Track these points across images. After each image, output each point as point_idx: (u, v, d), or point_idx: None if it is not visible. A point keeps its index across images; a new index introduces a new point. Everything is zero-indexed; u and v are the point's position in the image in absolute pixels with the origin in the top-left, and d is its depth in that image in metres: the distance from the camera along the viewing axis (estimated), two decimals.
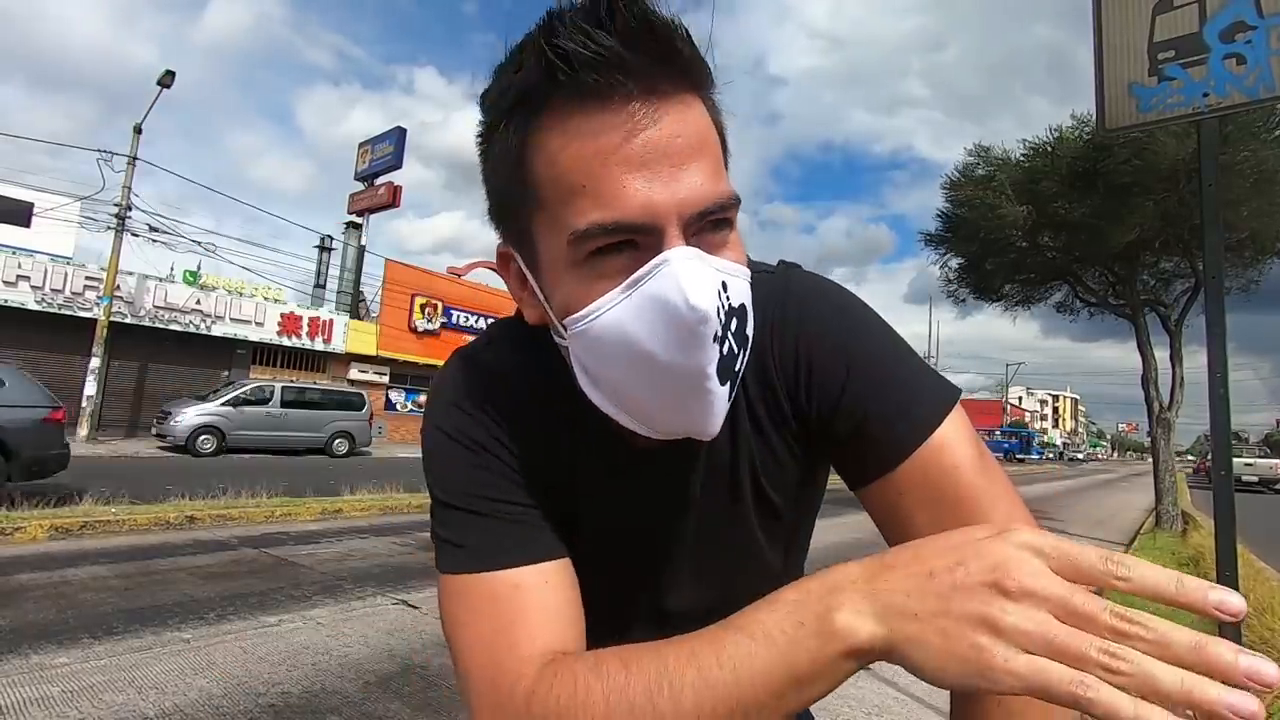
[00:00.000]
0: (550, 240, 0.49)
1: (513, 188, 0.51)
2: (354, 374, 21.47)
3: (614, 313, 0.47)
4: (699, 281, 0.45)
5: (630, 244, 0.47)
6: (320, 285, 24.29)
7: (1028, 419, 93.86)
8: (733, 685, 0.41)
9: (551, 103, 0.46)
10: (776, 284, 0.62)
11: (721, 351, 0.48)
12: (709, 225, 0.49)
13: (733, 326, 0.49)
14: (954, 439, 0.55)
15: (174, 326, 17.68)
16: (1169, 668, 0.30)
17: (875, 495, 0.57)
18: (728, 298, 0.48)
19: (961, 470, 0.54)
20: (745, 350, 0.53)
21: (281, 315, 19.79)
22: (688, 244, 0.47)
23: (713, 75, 0.51)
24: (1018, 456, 49.89)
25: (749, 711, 0.41)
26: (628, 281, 0.47)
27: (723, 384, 0.50)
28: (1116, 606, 0.32)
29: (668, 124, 0.46)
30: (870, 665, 0.41)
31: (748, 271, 0.53)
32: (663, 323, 0.46)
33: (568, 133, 0.46)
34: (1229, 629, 2.58)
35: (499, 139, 0.50)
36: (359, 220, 24.28)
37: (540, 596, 0.54)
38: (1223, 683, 0.30)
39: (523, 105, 0.48)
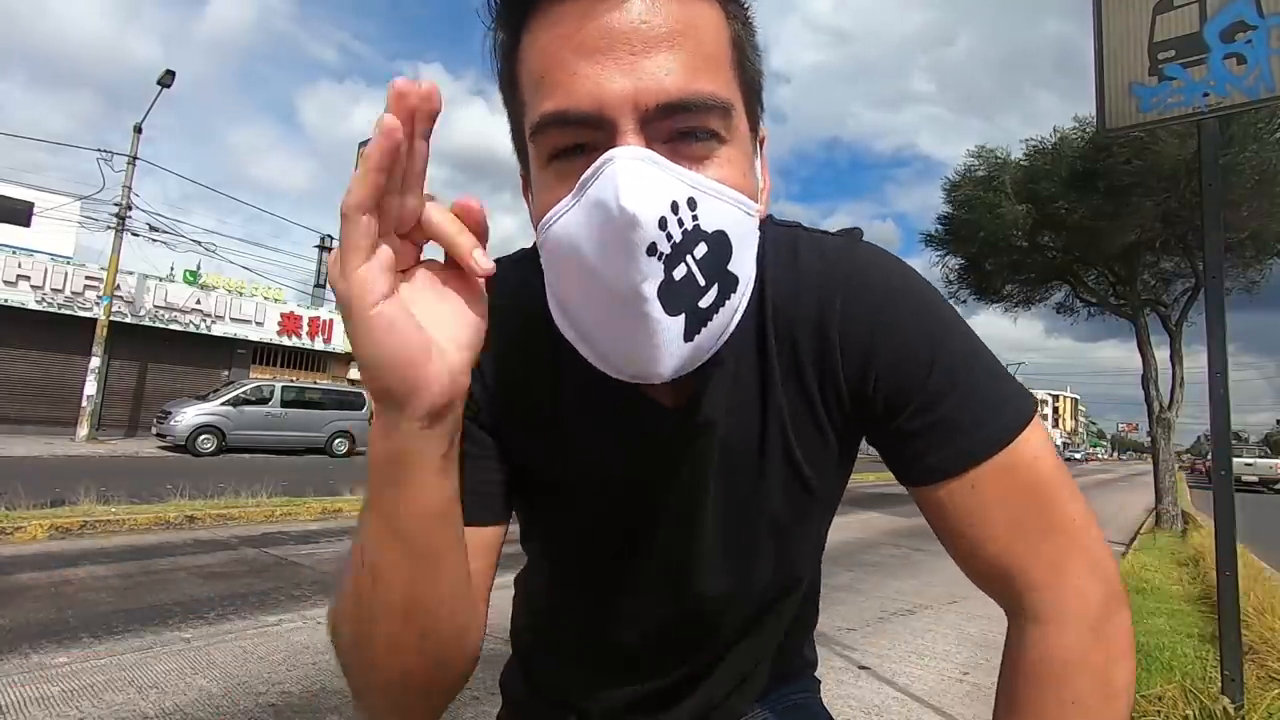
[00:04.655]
0: (529, 144, 0.47)
1: (508, 93, 0.49)
2: (354, 374, 21.44)
3: (565, 219, 0.43)
4: (637, 182, 0.40)
5: (588, 147, 0.43)
6: (320, 285, 24.28)
7: None
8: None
9: (534, 3, 0.44)
10: (845, 259, 0.56)
11: (669, 274, 0.42)
12: (683, 134, 0.44)
13: (698, 252, 0.43)
14: (1036, 441, 0.53)
15: (174, 326, 17.68)
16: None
17: (938, 493, 0.53)
18: (694, 216, 0.42)
19: (1044, 462, 0.52)
20: (730, 292, 0.46)
21: (281, 315, 19.80)
22: (649, 146, 0.42)
23: None
24: None
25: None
26: (579, 183, 0.43)
27: (672, 314, 0.43)
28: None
29: (638, 8, 0.42)
30: (869, 667, 0.41)
31: (746, 200, 0.46)
32: (599, 228, 0.41)
33: (541, 28, 0.44)
34: (1229, 626, 2.58)
35: (495, 45, 0.49)
36: None
37: None
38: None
39: (509, 7, 0.46)
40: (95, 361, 14.95)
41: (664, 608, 0.64)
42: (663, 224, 0.41)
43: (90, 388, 14.89)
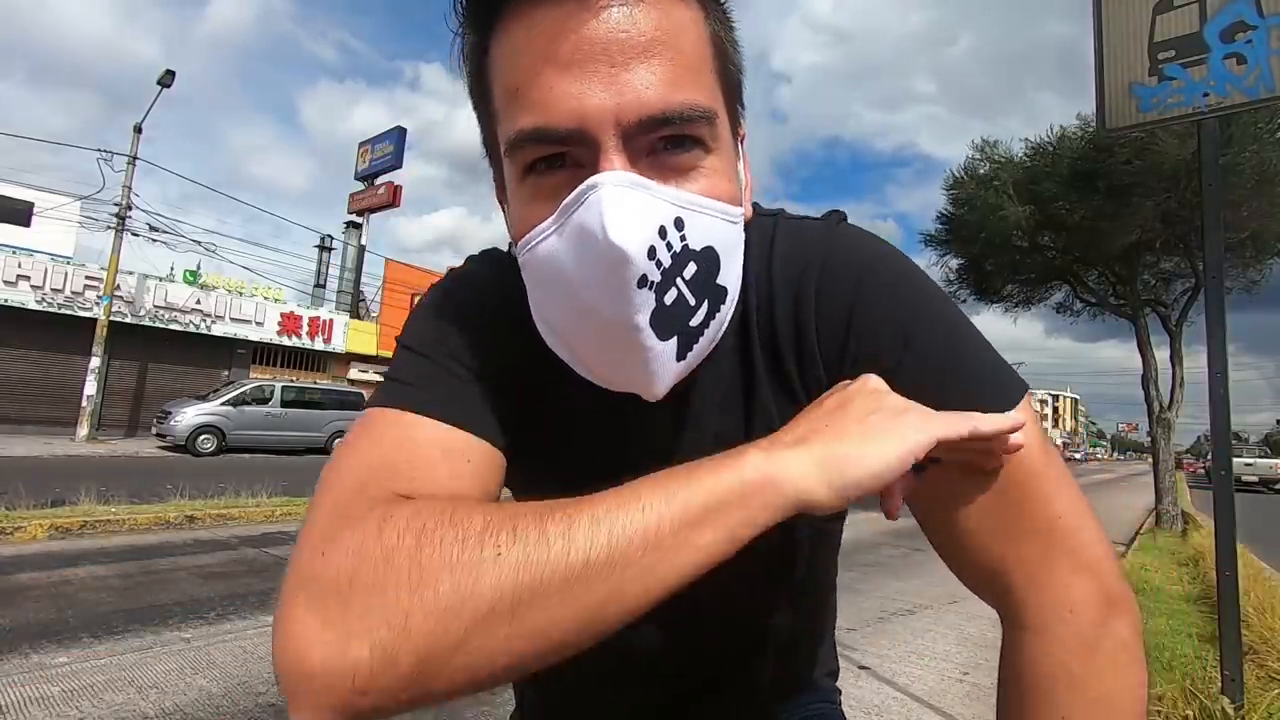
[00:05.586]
0: (504, 159, 0.46)
1: (478, 101, 0.48)
2: (354, 374, 21.46)
3: (548, 243, 0.43)
4: (624, 212, 0.39)
5: (567, 159, 0.42)
6: (320, 285, 24.30)
7: None
8: (651, 521, 0.37)
9: (504, 5, 0.43)
10: (820, 241, 0.54)
11: (661, 300, 0.42)
12: (666, 143, 0.43)
13: (687, 272, 0.43)
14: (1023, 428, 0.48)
15: (174, 326, 17.67)
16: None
17: (915, 486, 0.50)
18: (682, 237, 0.42)
19: (1026, 456, 0.47)
20: (719, 305, 0.47)
21: (282, 315, 19.79)
22: (633, 164, 0.42)
23: None
24: None
25: (657, 545, 0.37)
26: (561, 207, 0.42)
27: (664, 339, 0.44)
28: None
29: (616, 16, 0.41)
30: (869, 667, 0.39)
31: (731, 209, 0.46)
32: (588, 260, 0.41)
33: (513, 34, 0.43)
34: (1229, 626, 2.58)
35: (465, 49, 0.47)
36: (359, 220, 24.29)
37: (455, 461, 0.46)
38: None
39: (477, 9, 0.45)
40: (95, 361, 14.94)
41: (661, 613, 0.61)
42: (652, 253, 0.41)
43: (90, 388, 14.89)
